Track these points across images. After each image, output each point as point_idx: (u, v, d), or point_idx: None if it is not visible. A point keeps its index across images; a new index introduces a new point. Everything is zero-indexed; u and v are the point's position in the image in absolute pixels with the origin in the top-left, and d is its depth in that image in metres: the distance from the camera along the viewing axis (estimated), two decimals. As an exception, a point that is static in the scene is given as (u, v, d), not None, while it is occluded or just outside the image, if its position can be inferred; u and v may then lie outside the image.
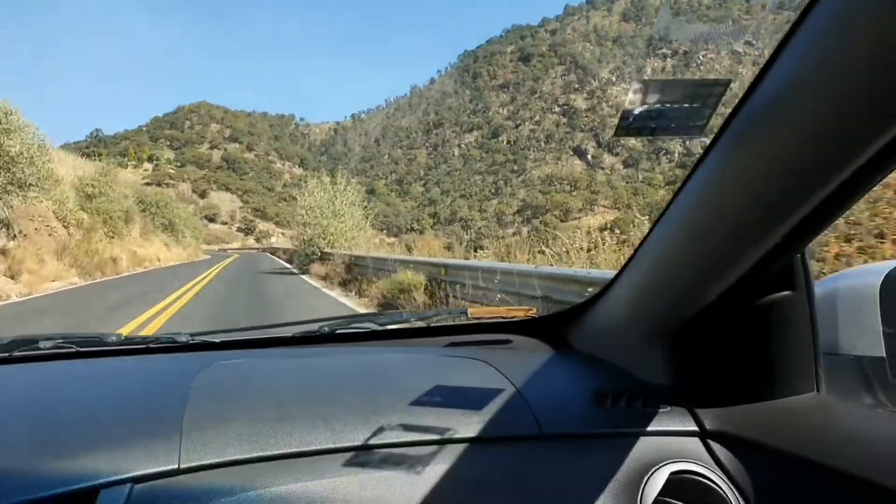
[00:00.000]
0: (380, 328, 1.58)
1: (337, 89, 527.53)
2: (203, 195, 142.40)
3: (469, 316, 1.65)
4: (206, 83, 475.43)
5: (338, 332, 1.57)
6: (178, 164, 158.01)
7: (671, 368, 1.09)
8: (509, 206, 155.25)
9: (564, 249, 8.68)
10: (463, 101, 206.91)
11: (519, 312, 1.62)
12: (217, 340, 1.50)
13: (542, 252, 9.15)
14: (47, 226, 18.67)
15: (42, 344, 1.42)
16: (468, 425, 1.01)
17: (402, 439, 0.98)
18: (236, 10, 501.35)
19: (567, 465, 1.01)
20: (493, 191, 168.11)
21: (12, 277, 14.77)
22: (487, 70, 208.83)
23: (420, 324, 1.63)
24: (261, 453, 0.92)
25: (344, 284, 16.13)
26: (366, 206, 26.79)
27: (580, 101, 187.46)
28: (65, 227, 19.92)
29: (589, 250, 8.41)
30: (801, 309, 0.99)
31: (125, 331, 8.06)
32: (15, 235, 16.31)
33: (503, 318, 1.62)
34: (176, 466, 0.88)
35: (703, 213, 0.89)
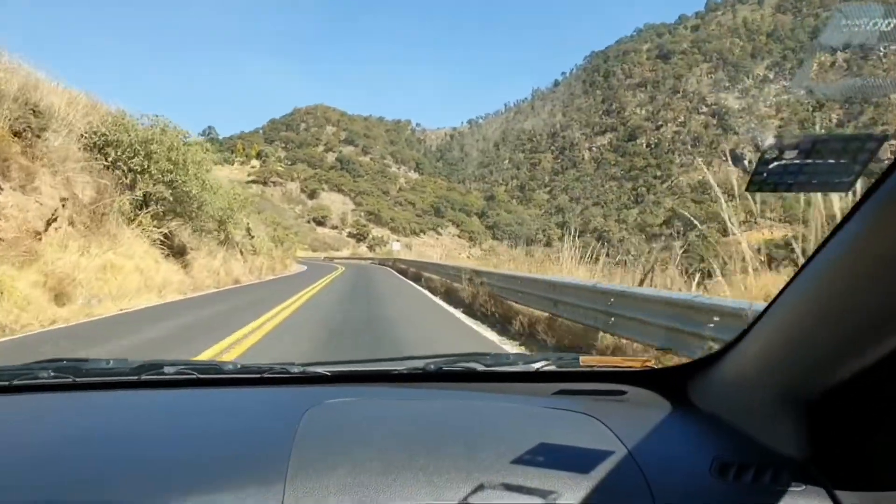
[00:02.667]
0: (485, 370, 1.51)
1: (454, 96, 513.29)
2: (313, 195, 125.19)
3: (580, 363, 1.52)
4: (323, 88, 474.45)
5: (444, 370, 1.51)
6: (289, 161, 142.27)
7: (808, 440, 0.94)
8: (655, 215, 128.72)
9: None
10: (594, 102, 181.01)
11: (635, 363, 1.50)
12: (328, 373, 1.48)
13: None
14: None
15: (167, 369, 1.46)
16: (574, 491, 0.93)
17: (504, 501, 0.92)
18: (357, 16, 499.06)
19: None
20: (632, 198, 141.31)
21: None
22: (622, 68, 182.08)
23: (528, 368, 1.52)
24: None
25: None
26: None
27: (732, 101, 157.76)
28: None
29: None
30: None
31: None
32: None
33: (617, 367, 1.50)
34: None
35: (848, 274, 0.77)
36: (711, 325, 4.14)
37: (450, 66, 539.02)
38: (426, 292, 17.06)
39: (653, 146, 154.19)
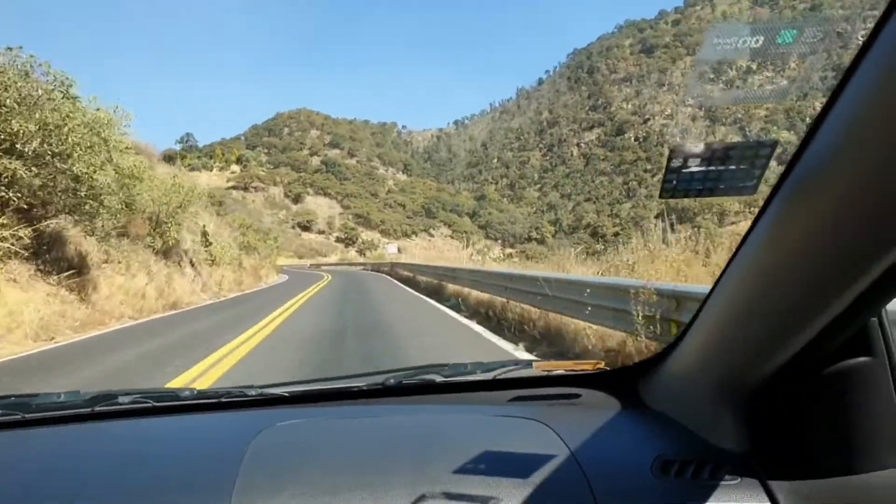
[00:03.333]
0: (443, 381, 1.51)
1: (438, 97, 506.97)
2: (297, 199, 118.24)
3: (534, 369, 1.53)
4: (306, 92, 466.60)
5: (403, 384, 1.49)
6: (272, 165, 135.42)
7: (741, 434, 0.97)
8: (648, 208, 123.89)
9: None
10: (580, 98, 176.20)
11: (587, 365, 1.50)
12: (286, 394, 1.44)
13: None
14: None
15: (121, 399, 1.41)
16: (516, 497, 0.93)
17: None
18: (338, 19, 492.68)
19: None
20: (624, 193, 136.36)
21: None
22: (606, 64, 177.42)
23: (485, 376, 1.52)
24: None
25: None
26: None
27: (717, 93, 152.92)
28: None
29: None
30: (881, 376, 0.86)
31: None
32: None
33: (571, 371, 1.50)
34: None
35: (765, 269, 0.79)
36: None
37: (434, 68, 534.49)
38: (483, 332, 8.49)
39: (641, 140, 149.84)
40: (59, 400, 1.42)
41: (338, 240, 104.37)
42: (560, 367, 1.53)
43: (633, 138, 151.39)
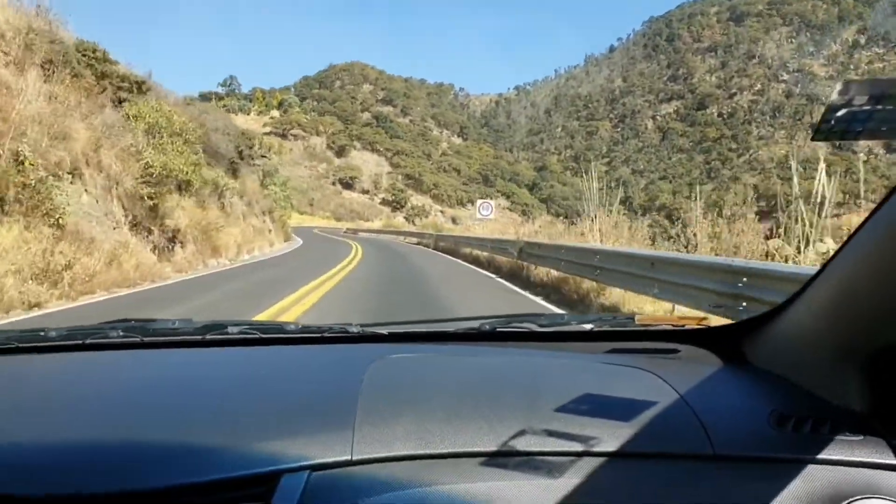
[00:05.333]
0: (540, 330, 1.49)
1: (499, 61, 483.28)
2: (341, 153, 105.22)
3: (636, 322, 1.50)
4: (361, 46, 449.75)
5: (498, 330, 1.50)
6: (317, 113, 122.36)
7: (867, 393, 0.94)
8: (733, 192, 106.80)
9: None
10: (658, 67, 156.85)
11: (690, 321, 1.44)
12: (385, 332, 1.49)
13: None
14: None
15: (230, 329, 1.46)
16: (619, 437, 0.93)
17: (569, 448, 0.91)
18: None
19: (743, 491, 0.89)
20: (705, 173, 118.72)
21: None
22: (689, 31, 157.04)
23: (582, 327, 1.49)
24: (428, 451, 0.91)
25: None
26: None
27: (817, 68, 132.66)
28: None
29: None
30: None
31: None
32: None
33: (672, 325, 1.45)
34: (349, 457, 0.88)
35: None
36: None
37: (495, 31, 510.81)
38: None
39: (726, 116, 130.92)
40: (174, 326, 1.50)
41: (384, 202, 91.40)
42: (662, 322, 1.47)
43: (716, 114, 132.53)
